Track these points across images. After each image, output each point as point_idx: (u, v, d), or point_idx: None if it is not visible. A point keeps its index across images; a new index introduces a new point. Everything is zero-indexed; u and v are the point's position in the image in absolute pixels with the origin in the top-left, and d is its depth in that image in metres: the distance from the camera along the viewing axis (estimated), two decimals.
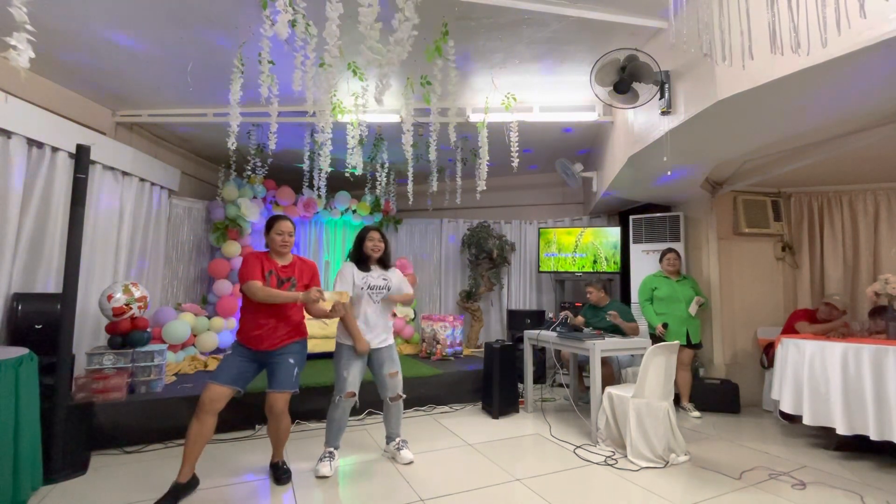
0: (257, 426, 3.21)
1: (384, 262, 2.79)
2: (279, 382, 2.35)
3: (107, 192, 3.73)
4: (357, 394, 2.62)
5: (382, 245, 2.75)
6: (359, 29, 2.04)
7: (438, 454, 2.87)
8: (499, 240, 5.79)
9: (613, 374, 3.85)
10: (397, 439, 2.81)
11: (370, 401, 3.48)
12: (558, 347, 3.70)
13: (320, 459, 2.57)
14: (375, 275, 2.73)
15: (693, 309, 3.88)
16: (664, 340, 3.81)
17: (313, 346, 4.63)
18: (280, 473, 2.44)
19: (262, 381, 2.47)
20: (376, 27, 2.04)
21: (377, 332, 2.71)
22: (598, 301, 3.98)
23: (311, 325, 4.74)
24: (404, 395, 2.80)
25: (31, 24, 1.67)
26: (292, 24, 2.24)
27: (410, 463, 2.71)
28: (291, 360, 2.40)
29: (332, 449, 2.61)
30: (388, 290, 2.75)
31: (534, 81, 3.54)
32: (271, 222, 2.45)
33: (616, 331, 3.71)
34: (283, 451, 2.52)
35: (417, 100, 3.28)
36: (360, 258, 2.74)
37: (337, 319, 2.56)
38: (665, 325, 3.85)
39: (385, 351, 2.73)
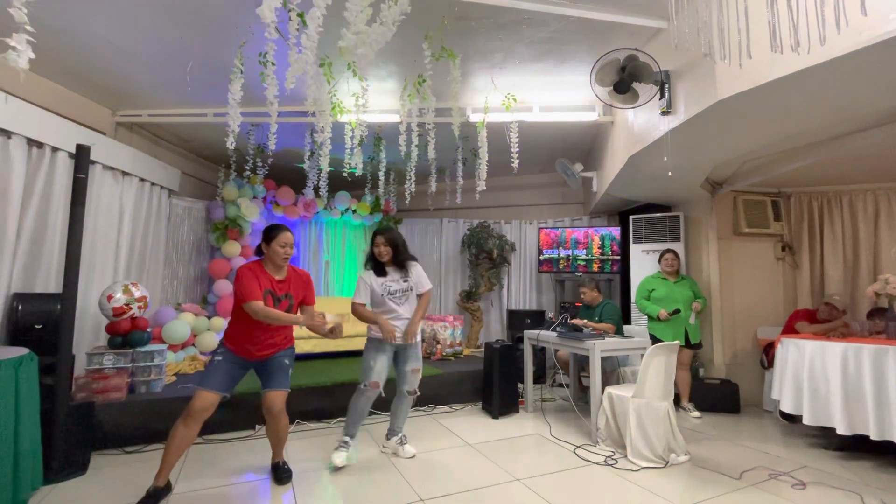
0: (257, 426, 3.20)
1: (399, 263, 2.79)
2: (277, 382, 2.35)
3: (107, 192, 3.72)
4: (382, 386, 2.68)
5: (389, 249, 2.75)
6: (344, 14, 1.97)
7: (438, 454, 2.87)
8: (499, 240, 5.79)
9: (607, 373, 3.85)
10: (400, 434, 2.87)
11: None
12: (558, 347, 3.70)
13: (336, 448, 2.65)
14: (394, 278, 2.77)
15: (692, 318, 3.88)
16: (668, 329, 3.82)
17: (312, 347, 4.64)
18: (281, 473, 2.44)
19: (257, 381, 2.46)
20: (367, 12, 1.98)
21: (403, 328, 2.77)
22: (592, 301, 4.01)
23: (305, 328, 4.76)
24: (419, 393, 2.87)
25: (31, 24, 1.67)
26: (300, 17, 2.21)
27: (413, 457, 2.77)
28: (287, 362, 2.43)
29: (347, 438, 2.69)
30: (411, 290, 2.80)
31: (534, 81, 3.54)
32: (273, 232, 2.33)
33: (616, 331, 3.71)
34: (283, 451, 2.53)
35: (418, 99, 3.28)
36: (376, 263, 2.79)
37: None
38: (676, 311, 3.82)
39: (411, 347, 2.79)
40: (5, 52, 1.64)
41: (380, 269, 2.78)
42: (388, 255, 2.75)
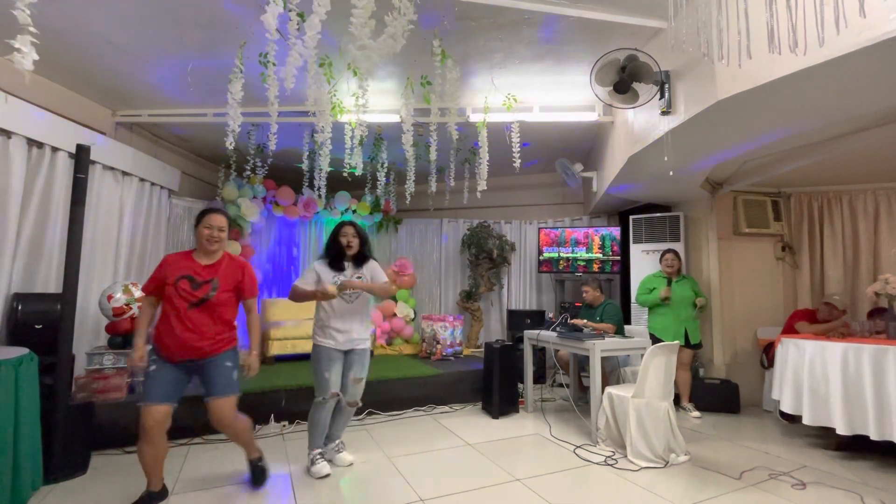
0: (257, 426, 3.20)
1: (360, 259, 2.65)
2: (221, 387, 2.17)
3: (107, 192, 3.73)
4: (339, 393, 2.54)
5: (357, 241, 2.61)
6: (349, 30, 2.00)
7: (438, 454, 2.87)
8: (499, 240, 5.79)
9: (607, 372, 3.85)
10: (337, 441, 2.72)
11: (371, 401, 3.48)
12: (558, 347, 3.70)
13: (312, 463, 2.52)
14: (349, 273, 2.61)
15: (695, 314, 3.88)
16: (668, 329, 3.82)
17: (306, 347, 4.63)
18: (257, 473, 2.35)
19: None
20: (370, 24, 1.99)
21: (352, 332, 2.58)
22: (594, 300, 4.01)
23: (307, 326, 4.75)
24: (360, 405, 2.70)
25: (32, 25, 1.67)
26: (300, 17, 2.21)
27: (351, 465, 2.66)
28: (229, 364, 2.22)
29: (319, 451, 2.56)
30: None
31: (534, 81, 3.54)
32: (200, 216, 2.24)
33: (617, 331, 3.71)
34: (255, 445, 2.39)
35: (417, 100, 3.28)
36: (334, 255, 2.60)
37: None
38: (669, 283, 3.88)
39: (357, 354, 2.61)
40: (10, 54, 1.64)
41: (337, 263, 2.59)
42: (357, 248, 2.61)
